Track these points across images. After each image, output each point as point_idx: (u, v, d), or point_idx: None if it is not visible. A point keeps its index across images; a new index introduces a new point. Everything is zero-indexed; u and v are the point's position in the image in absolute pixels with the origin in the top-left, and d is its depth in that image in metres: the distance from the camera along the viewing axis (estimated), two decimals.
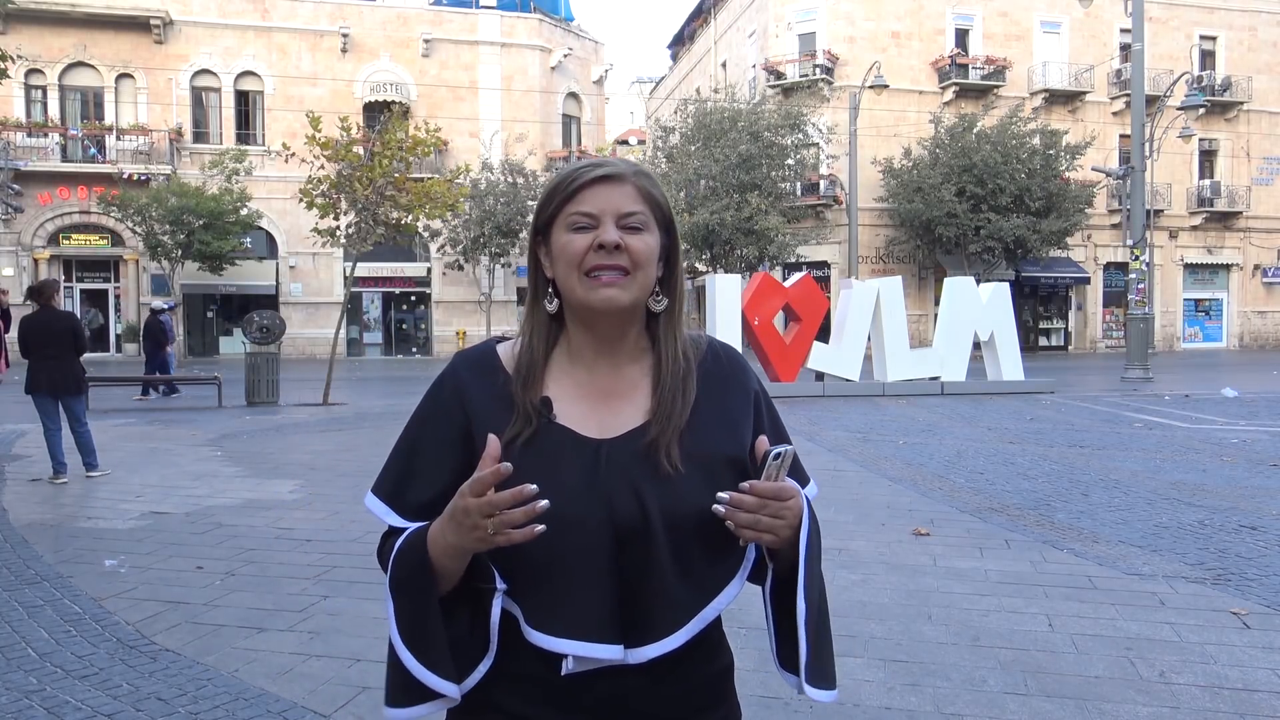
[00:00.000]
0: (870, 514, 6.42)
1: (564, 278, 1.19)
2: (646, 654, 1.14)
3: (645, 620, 1.14)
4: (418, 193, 14.97)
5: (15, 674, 3.63)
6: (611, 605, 1.14)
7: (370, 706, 3.31)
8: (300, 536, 5.86)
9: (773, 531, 1.12)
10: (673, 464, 1.16)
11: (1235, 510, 6.44)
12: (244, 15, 30.80)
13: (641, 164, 1.27)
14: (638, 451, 1.17)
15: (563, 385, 1.22)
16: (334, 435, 10.93)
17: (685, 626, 1.16)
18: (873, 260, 32.36)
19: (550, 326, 1.24)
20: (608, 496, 1.14)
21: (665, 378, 1.21)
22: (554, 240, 1.20)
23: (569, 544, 1.13)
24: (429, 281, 32.17)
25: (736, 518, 1.11)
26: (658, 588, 1.14)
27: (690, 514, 1.15)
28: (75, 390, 8.02)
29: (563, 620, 1.14)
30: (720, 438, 1.21)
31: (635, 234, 1.18)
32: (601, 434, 1.19)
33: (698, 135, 28.61)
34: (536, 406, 1.19)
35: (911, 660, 3.73)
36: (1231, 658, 3.74)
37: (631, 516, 1.14)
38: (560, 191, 1.19)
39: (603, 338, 1.22)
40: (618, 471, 1.16)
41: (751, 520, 1.11)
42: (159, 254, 26.84)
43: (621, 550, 1.14)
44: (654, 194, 1.21)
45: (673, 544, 1.15)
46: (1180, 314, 36.23)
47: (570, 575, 1.14)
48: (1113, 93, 34.27)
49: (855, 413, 12.74)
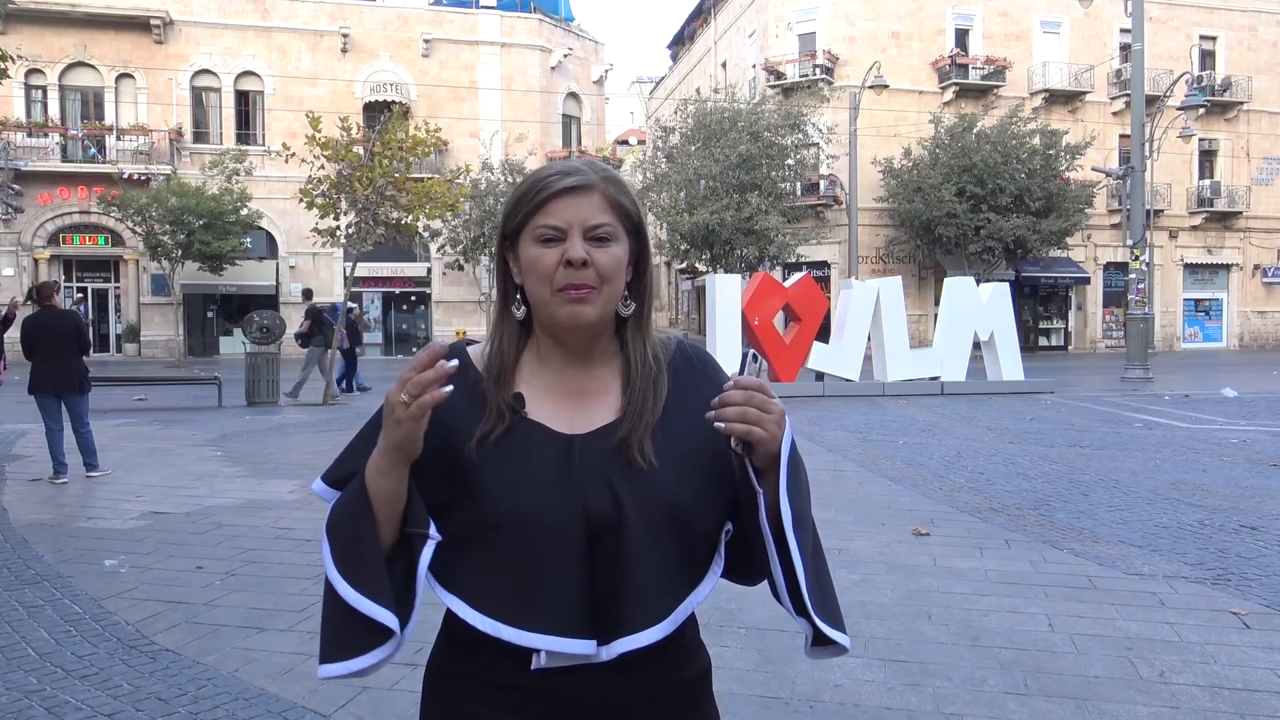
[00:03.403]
0: (870, 514, 6.42)
1: (533, 291, 1.19)
2: (619, 648, 1.13)
3: (618, 615, 1.13)
4: (418, 193, 14.97)
5: (15, 674, 3.63)
6: (584, 600, 1.13)
7: (370, 706, 3.31)
8: (300, 536, 5.86)
9: (760, 424, 1.11)
10: (645, 459, 1.16)
11: (1235, 510, 6.44)
12: (244, 15, 30.79)
13: (610, 168, 1.25)
14: (610, 447, 1.17)
15: (533, 385, 1.22)
16: (334, 435, 10.93)
17: (659, 624, 1.15)
18: (873, 260, 32.35)
19: (519, 331, 1.25)
20: (581, 490, 1.14)
21: (635, 378, 1.22)
22: (522, 251, 1.20)
23: (542, 537, 1.13)
24: (429, 281, 32.16)
25: (725, 414, 1.11)
26: (631, 583, 1.13)
27: (664, 508, 1.15)
28: (79, 389, 8.02)
29: (535, 615, 1.13)
30: (692, 435, 1.20)
31: (603, 246, 1.17)
32: (573, 430, 1.19)
33: (698, 135, 28.59)
34: (509, 402, 1.19)
35: (911, 660, 3.73)
36: (1231, 658, 3.74)
37: (605, 510, 1.13)
38: (527, 201, 1.19)
39: (572, 346, 1.23)
40: (591, 466, 1.16)
41: (739, 413, 1.11)
42: (159, 254, 26.83)
43: (595, 544, 1.13)
44: (622, 201, 1.21)
45: (646, 538, 1.14)
46: (1180, 314, 36.21)
47: (543, 569, 1.13)
48: (1113, 93, 34.25)
49: (855, 413, 12.74)
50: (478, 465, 1.16)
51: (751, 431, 1.12)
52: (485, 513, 1.15)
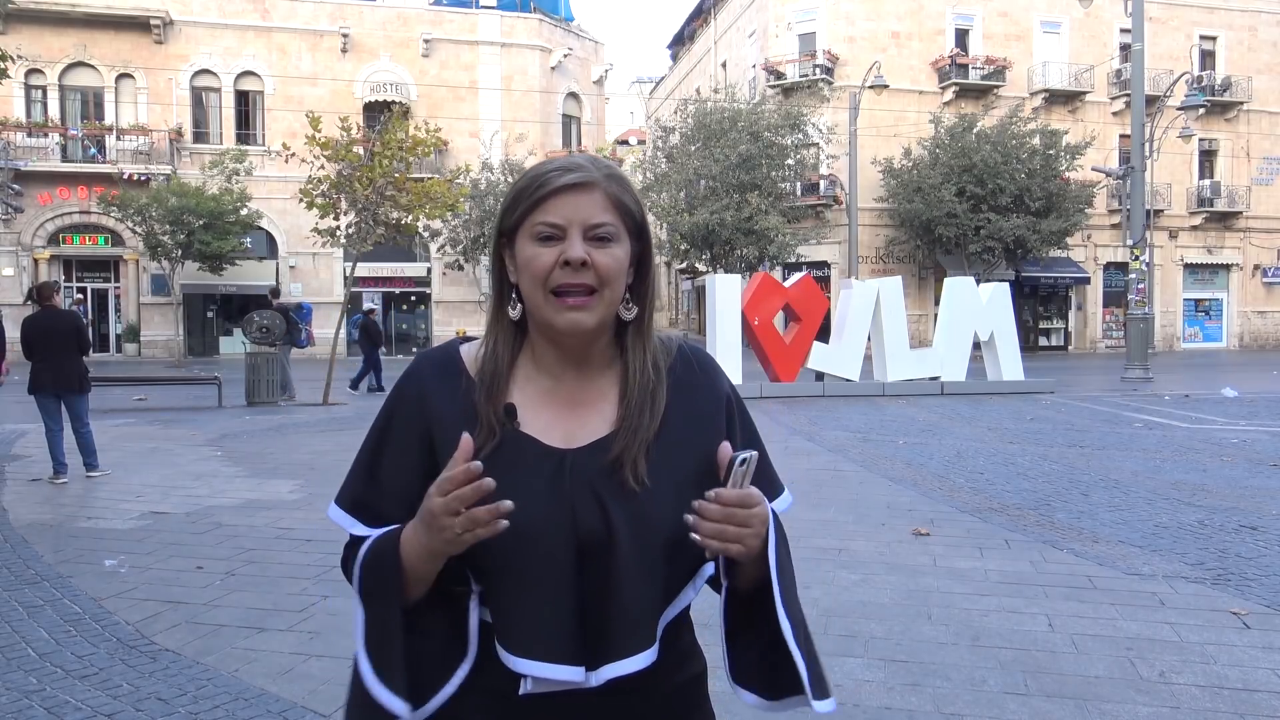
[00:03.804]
0: (870, 514, 6.42)
1: (529, 292, 1.15)
2: (607, 674, 1.10)
3: (607, 640, 1.10)
4: (418, 193, 14.98)
5: (15, 674, 3.63)
6: (573, 624, 1.10)
7: None
8: (300, 536, 5.86)
9: (740, 541, 1.08)
10: (638, 480, 1.12)
11: (1235, 510, 6.44)
12: (244, 15, 30.80)
13: (612, 163, 1.21)
14: (603, 464, 1.14)
15: (527, 393, 1.18)
16: (334, 435, 10.93)
17: (649, 650, 1.12)
18: (873, 260, 32.35)
19: (515, 332, 1.20)
20: (571, 507, 1.11)
21: (632, 391, 1.17)
22: (519, 248, 1.15)
23: (531, 556, 1.10)
24: (429, 281, 32.17)
25: (701, 528, 1.07)
26: (620, 606, 1.10)
27: (656, 529, 1.12)
28: (79, 389, 8.02)
29: (523, 639, 1.10)
30: (689, 449, 1.17)
31: (603, 246, 1.13)
32: (567, 444, 1.15)
33: (698, 135, 28.60)
34: (500, 416, 1.15)
35: (911, 660, 3.73)
36: (1231, 658, 3.74)
37: (595, 529, 1.10)
38: (526, 197, 1.14)
39: (569, 351, 1.18)
40: (582, 483, 1.12)
41: (717, 530, 1.07)
42: (159, 254, 26.85)
43: (584, 565, 1.10)
44: (625, 200, 1.16)
45: (637, 559, 1.11)
46: (1180, 314, 36.21)
47: (532, 589, 1.10)
48: (1113, 93, 34.25)
49: (855, 413, 12.74)
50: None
51: (727, 549, 1.09)
52: None
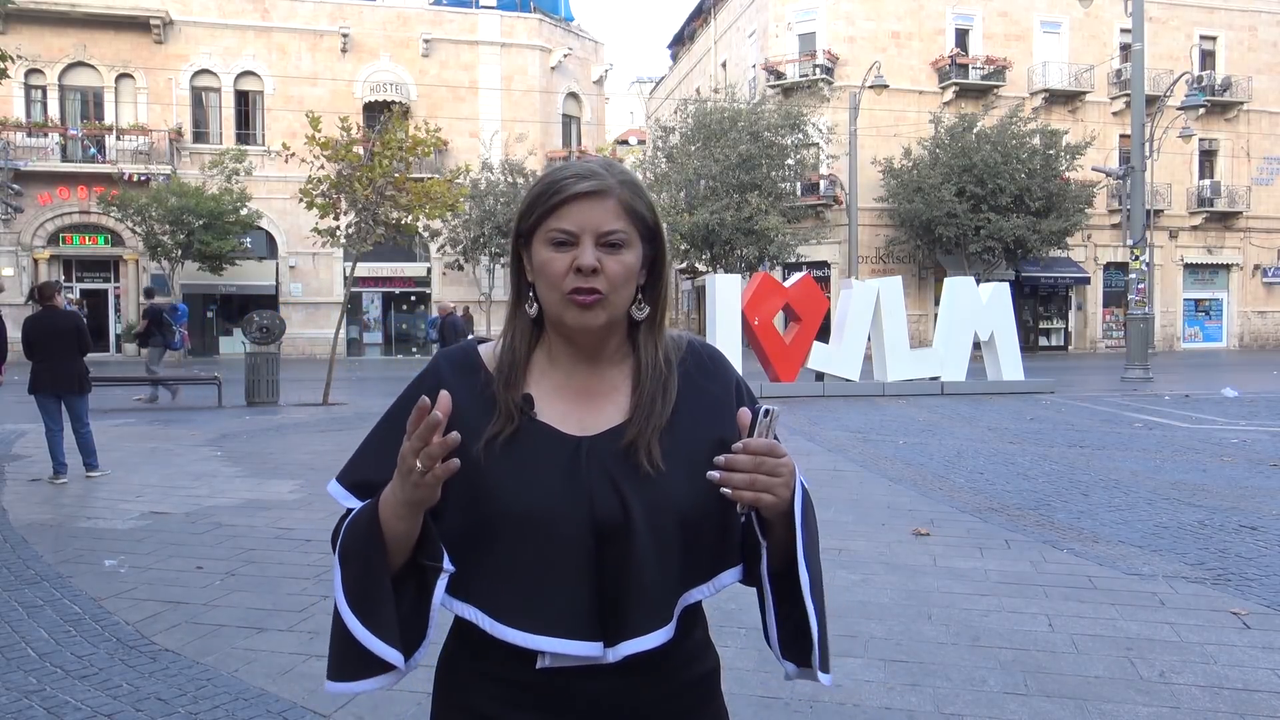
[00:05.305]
0: (870, 514, 6.42)
1: (543, 294, 1.20)
2: (625, 650, 1.13)
3: (624, 618, 1.13)
4: (418, 193, 14.97)
5: (15, 674, 3.63)
6: (591, 602, 1.13)
7: (370, 707, 3.31)
8: (300, 536, 5.86)
9: (770, 490, 1.11)
10: (653, 463, 1.16)
11: (1235, 510, 6.44)
12: (244, 15, 30.79)
13: (627, 169, 1.25)
14: (618, 449, 1.17)
15: (543, 385, 1.23)
16: (334, 435, 10.93)
17: (666, 626, 1.16)
18: (873, 260, 32.35)
19: (532, 329, 1.25)
20: (588, 492, 1.14)
21: (645, 380, 1.21)
22: (535, 251, 1.20)
23: (548, 540, 1.13)
24: (429, 281, 32.16)
25: (732, 480, 1.10)
26: (638, 585, 1.13)
27: (672, 512, 1.15)
28: (79, 389, 8.02)
29: (541, 617, 1.13)
30: (702, 434, 1.20)
31: (614, 253, 1.17)
32: (582, 431, 1.19)
33: (698, 135, 28.59)
34: (518, 403, 1.19)
35: (911, 660, 3.73)
36: (1231, 658, 3.74)
37: (612, 513, 1.14)
38: (541, 203, 1.18)
39: (582, 346, 1.23)
40: (598, 468, 1.16)
41: (748, 480, 1.10)
42: (159, 254, 26.84)
43: (602, 547, 1.13)
44: (637, 207, 1.19)
45: (654, 542, 1.14)
46: (1180, 314, 36.22)
47: (550, 571, 1.13)
48: (1113, 93, 34.26)
49: (855, 413, 12.74)
50: (485, 467, 1.16)
51: (760, 499, 1.11)
52: (492, 514, 1.15)
